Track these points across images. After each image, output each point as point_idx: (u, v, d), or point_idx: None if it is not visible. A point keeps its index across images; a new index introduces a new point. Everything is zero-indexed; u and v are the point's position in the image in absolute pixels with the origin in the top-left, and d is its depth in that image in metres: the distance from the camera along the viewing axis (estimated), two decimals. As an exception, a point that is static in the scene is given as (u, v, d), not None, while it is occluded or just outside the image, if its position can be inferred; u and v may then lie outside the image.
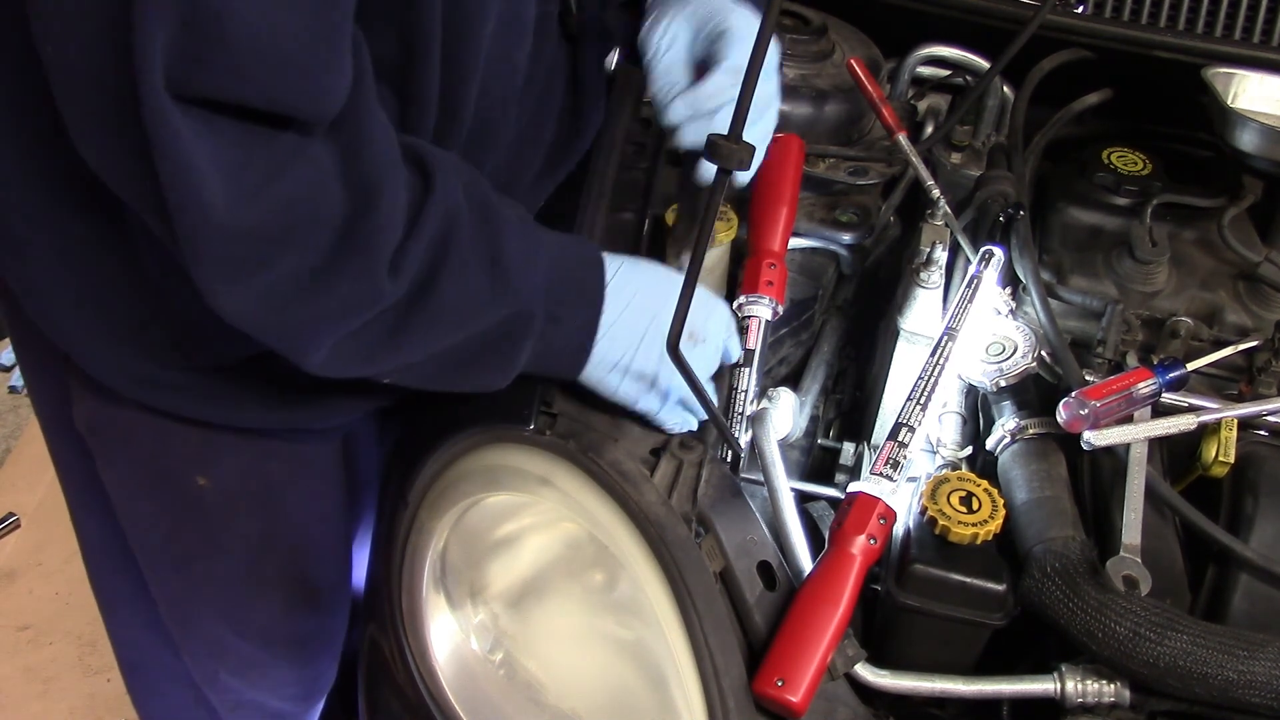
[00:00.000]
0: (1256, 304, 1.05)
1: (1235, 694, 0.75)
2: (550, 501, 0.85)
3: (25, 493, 2.16)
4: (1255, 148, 1.04)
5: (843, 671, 0.82)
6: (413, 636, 0.92)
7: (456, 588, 0.92)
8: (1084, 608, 0.78)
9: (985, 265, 1.02)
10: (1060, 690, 0.80)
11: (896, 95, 1.26)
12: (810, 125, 1.16)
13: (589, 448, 0.86)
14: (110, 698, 1.91)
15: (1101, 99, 1.18)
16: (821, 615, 0.79)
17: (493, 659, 0.91)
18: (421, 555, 0.91)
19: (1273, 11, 1.13)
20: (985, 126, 1.23)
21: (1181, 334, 1.01)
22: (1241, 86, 1.10)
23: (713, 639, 0.80)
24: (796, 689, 0.77)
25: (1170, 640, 0.76)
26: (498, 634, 0.91)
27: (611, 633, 0.87)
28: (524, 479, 0.86)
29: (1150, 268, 1.05)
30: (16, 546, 2.13)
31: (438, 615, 0.92)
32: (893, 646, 0.85)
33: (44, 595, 2.08)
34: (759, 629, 0.82)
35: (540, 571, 0.90)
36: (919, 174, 1.10)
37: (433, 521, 0.90)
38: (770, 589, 0.84)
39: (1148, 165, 1.14)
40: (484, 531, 0.90)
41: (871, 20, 1.24)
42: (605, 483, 0.83)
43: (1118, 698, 0.80)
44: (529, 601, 0.90)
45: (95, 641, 1.99)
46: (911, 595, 0.81)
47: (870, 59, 1.19)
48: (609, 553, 0.83)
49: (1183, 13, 1.15)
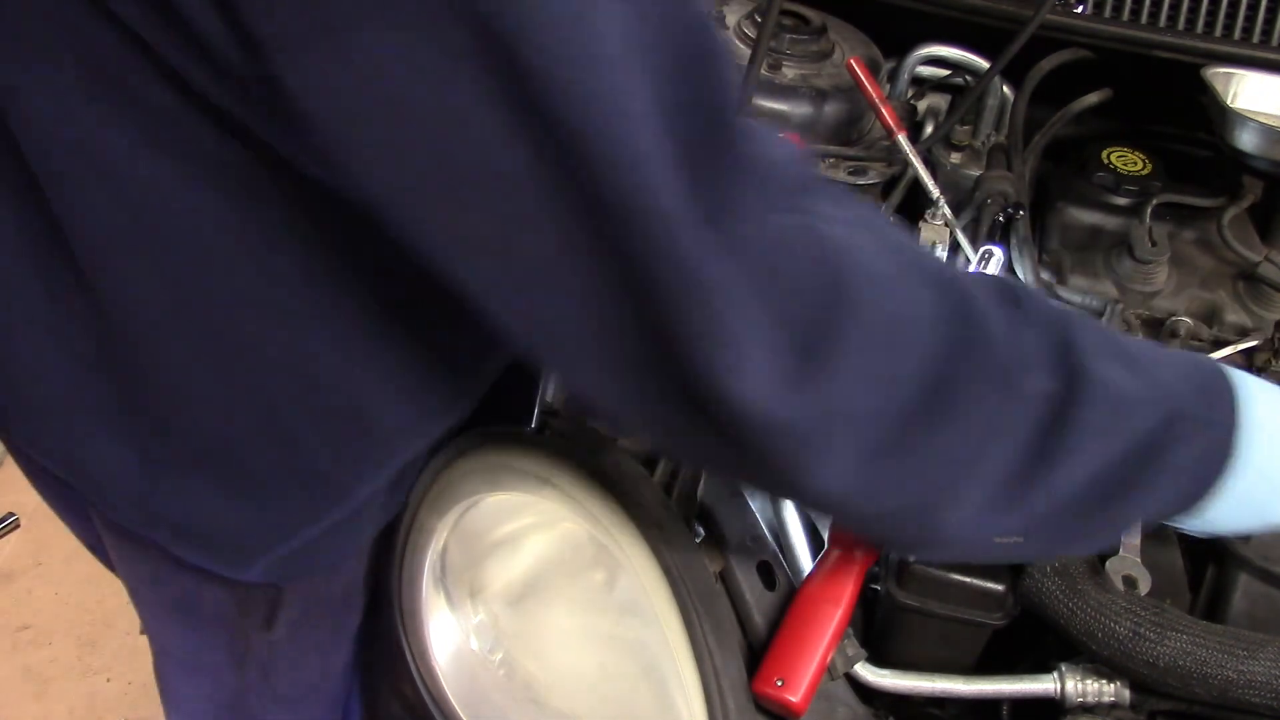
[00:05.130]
0: (1256, 304, 1.05)
1: (1235, 694, 0.75)
2: (550, 501, 0.85)
3: (25, 493, 2.15)
4: (1255, 148, 1.04)
5: (843, 671, 0.82)
6: (413, 636, 0.92)
7: (456, 588, 0.92)
8: (1084, 608, 0.78)
9: (985, 265, 1.02)
10: (1060, 690, 0.80)
11: (896, 95, 1.26)
12: (810, 125, 1.15)
13: (589, 448, 0.86)
14: (110, 698, 1.91)
15: (1101, 99, 1.18)
16: (821, 615, 0.79)
17: (493, 659, 0.91)
18: (421, 555, 0.91)
19: (1272, 11, 1.13)
20: (985, 126, 1.23)
21: (1181, 334, 1.01)
22: (1241, 86, 1.10)
23: (713, 639, 0.80)
24: (796, 689, 0.77)
25: (1170, 640, 0.76)
26: (498, 634, 0.91)
27: (611, 633, 0.87)
28: (524, 479, 0.86)
29: (1150, 267, 1.05)
30: (16, 546, 2.13)
31: (438, 615, 0.92)
32: (893, 646, 0.85)
33: (44, 595, 2.08)
34: (759, 629, 0.82)
35: (540, 571, 0.90)
36: (919, 174, 1.10)
37: (433, 521, 0.90)
38: (770, 589, 0.84)
39: (1147, 165, 1.14)
40: (484, 531, 0.90)
41: (871, 20, 1.24)
42: (605, 483, 0.83)
43: (1118, 698, 0.80)
44: (529, 601, 0.90)
45: (95, 641, 1.99)
46: (911, 595, 0.81)
47: (870, 59, 1.19)
48: (609, 553, 0.83)
49: (1182, 13, 1.14)
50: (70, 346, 0.73)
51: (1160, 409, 0.65)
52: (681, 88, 0.53)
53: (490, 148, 0.51)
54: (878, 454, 0.59)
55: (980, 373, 0.60)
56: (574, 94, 0.49)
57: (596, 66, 0.50)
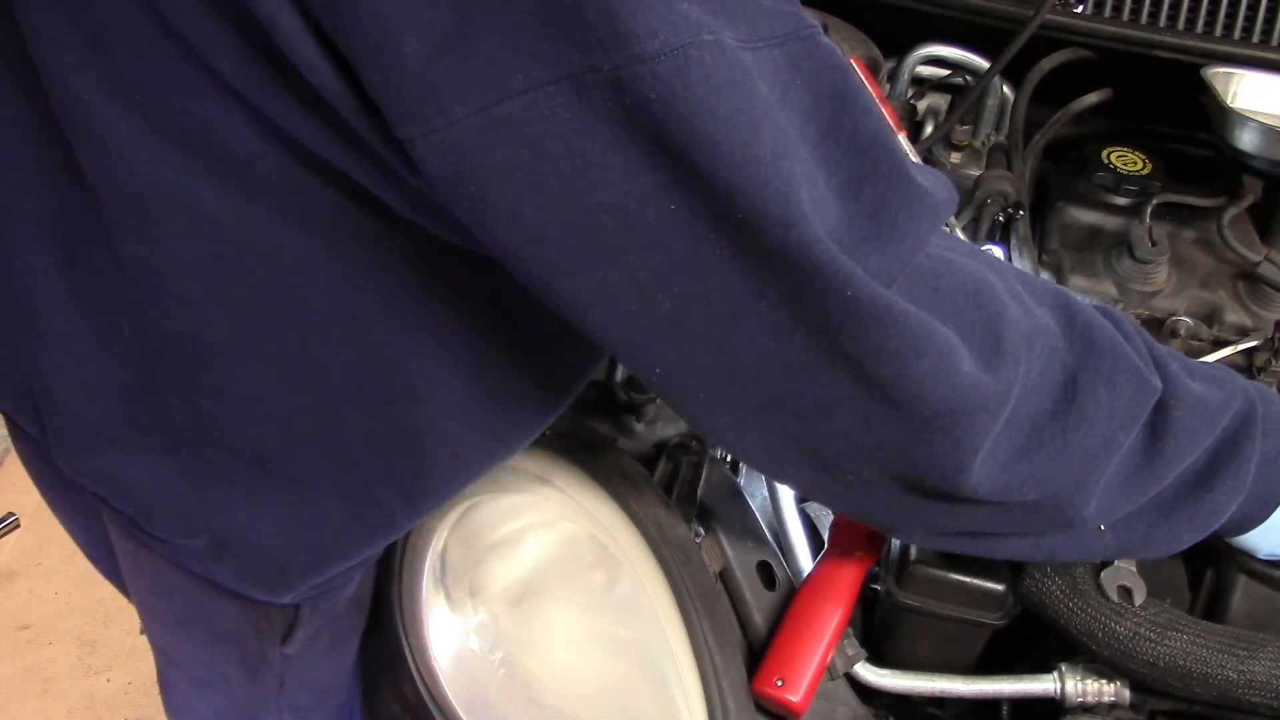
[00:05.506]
0: (1256, 304, 1.05)
1: (1235, 694, 0.75)
2: (550, 501, 0.85)
3: (25, 493, 2.15)
4: (1255, 147, 1.04)
5: (843, 671, 0.82)
6: (412, 636, 0.92)
7: (456, 588, 0.92)
8: (1084, 607, 0.78)
9: (985, 265, 1.01)
10: (1060, 690, 0.80)
11: (896, 95, 1.26)
12: (810, 125, 1.15)
13: (589, 448, 0.86)
14: (110, 697, 1.91)
15: (1101, 98, 1.18)
16: (821, 615, 0.80)
17: (493, 659, 0.91)
18: (421, 555, 0.91)
19: (1272, 11, 1.13)
20: (985, 126, 1.23)
21: (1181, 333, 1.01)
22: (1241, 86, 1.10)
23: (713, 639, 0.80)
24: (796, 688, 0.77)
25: (1170, 640, 0.76)
26: (498, 634, 0.91)
27: (611, 633, 0.87)
28: (524, 479, 0.86)
29: (1150, 267, 1.05)
30: (16, 546, 2.13)
31: (437, 615, 0.92)
32: (893, 646, 0.85)
33: (44, 595, 2.08)
34: (759, 629, 0.82)
35: (540, 571, 0.90)
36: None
37: (433, 521, 0.90)
38: (770, 589, 0.84)
39: (1147, 165, 1.14)
40: (484, 531, 0.90)
41: (871, 20, 1.24)
42: (605, 483, 0.83)
43: (1118, 698, 0.80)
44: (529, 601, 0.90)
45: (95, 641, 1.99)
46: (911, 595, 0.81)
47: (870, 59, 1.19)
48: (609, 553, 0.83)
49: (1182, 12, 1.14)
50: (117, 365, 0.73)
51: (1228, 410, 0.71)
52: (829, 124, 0.55)
53: (640, 205, 0.52)
54: (1025, 451, 0.64)
55: (1100, 378, 0.65)
56: (732, 155, 0.50)
57: (755, 126, 0.50)
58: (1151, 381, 0.67)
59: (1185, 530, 0.72)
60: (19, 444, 0.91)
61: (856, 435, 0.61)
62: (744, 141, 0.50)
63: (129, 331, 0.71)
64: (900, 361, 0.56)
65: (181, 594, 0.85)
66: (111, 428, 0.75)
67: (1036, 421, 0.64)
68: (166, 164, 0.61)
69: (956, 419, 0.60)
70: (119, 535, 0.85)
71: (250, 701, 0.94)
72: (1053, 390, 0.65)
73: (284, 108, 0.56)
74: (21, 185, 0.71)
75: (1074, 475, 0.66)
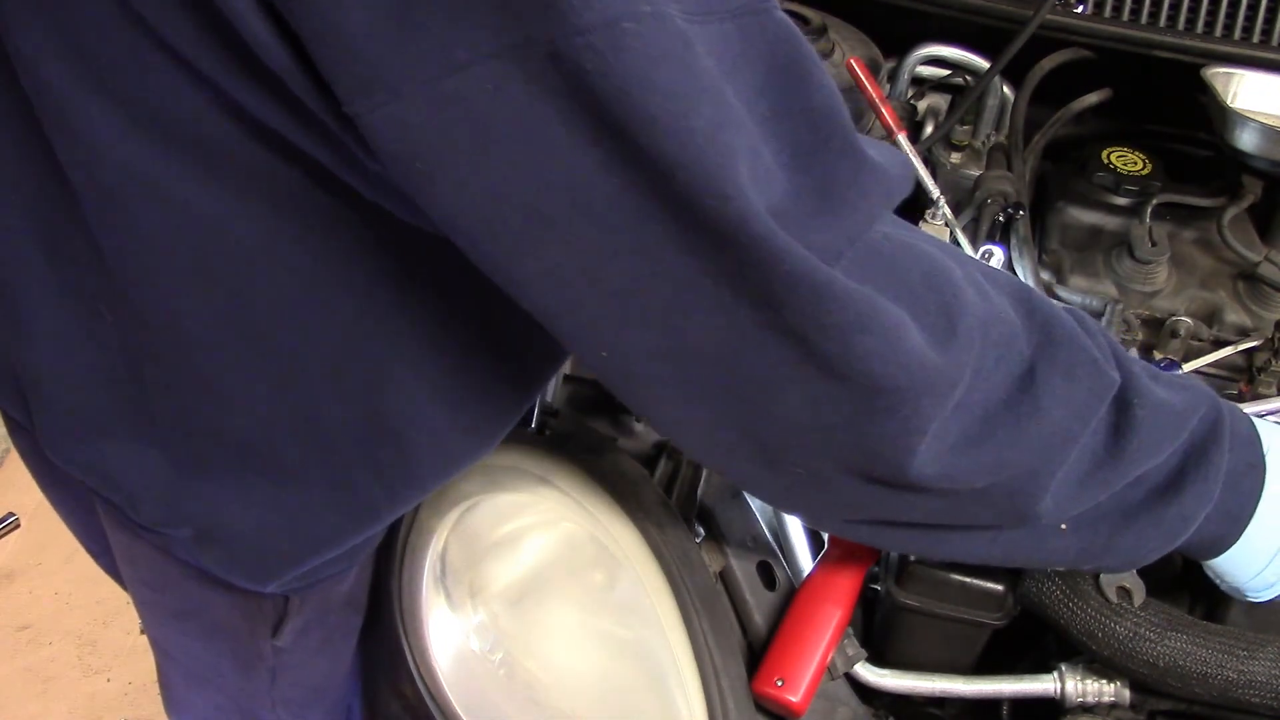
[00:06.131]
0: (1256, 304, 1.05)
1: (1235, 694, 0.75)
2: (550, 501, 0.85)
3: (25, 493, 2.15)
4: (1255, 148, 1.04)
5: (843, 671, 0.82)
6: (413, 636, 0.92)
7: (456, 588, 0.92)
8: (1084, 608, 0.78)
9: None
10: (1060, 690, 0.80)
11: (896, 95, 1.26)
12: (810, 125, 1.15)
13: (589, 448, 0.86)
14: (110, 697, 1.92)
15: (1101, 99, 1.18)
16: (821, 615, 0.80)
17: (493, 659, 0.91)
18: (421, 555, 0.91)
19: (1272, 11, 1.13)
20: (985, 126, 1.23)
21: (1181, 333, 1.01)
22: (1241, 86, 1.10)
23: (713, 639, 0.80)
24: (796, 688, 0.77)
25: (1170, 640, 0.76)
26: (498, 634, 0.91)
27: (611, 633, 0.87)
28: (524, 479, 0.86)
29: (1150, 267, 1.05)
30: (16, 546, 2.13)
31: (437, 615, 0.92)
32: (893, 646, 0.85)
33: (44, 595, 2.08)
34: (759, 629, 0.82)
35: (540, 571, 0.90)
36: (919, 174, 1.10)
37: (433, 521, 0.90)
38: (770, 589, 0.84)
39: (1147, 165, 1.14)
40: (484, 531, 0.90)
41: (871, 20, 1.24)
42: (605, 483, 0.83)
43: (1118, 698, 0.80)
44: (529, 601, 0.90)
45: (95, 641, 1.99)
46: (911, 595, 0.81)
47: (870, 59, 1.19)
48: (609, 553, 0.83)
49: (1182, 12, 1.14)
50: (101, 355, 0.74)
51: (1194, 414, 0.70)
52: (780, 98, 0.55)
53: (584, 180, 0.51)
54: (975, 438, 0.62)
55: (1057, 368, 0.64)
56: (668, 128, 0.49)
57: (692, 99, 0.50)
58: (1110, 374, 0.66)
59: (1153, 537, 0.71)
60: (16, 438, 0.92)
61: (803, 418, 0.60)
62: (679, 113, 0.49)
63: (112, 321, 0.72)
64: (843, 337, 0.55)
65: (175, 586, 0.85)
66: (98, 418, 0.76)
67: (989, 409, 0.63)
68: (137, 150, 0.61)
69: (903, 397, 0.58)
70: (113, 527, 0.86)
71: (245, 696, 0.94)
72: (1008, 378, 0.63)
73: (243, 88, 0.56)
74: (4, 176, 0.72)
75: (1027, 464, 0.64)
